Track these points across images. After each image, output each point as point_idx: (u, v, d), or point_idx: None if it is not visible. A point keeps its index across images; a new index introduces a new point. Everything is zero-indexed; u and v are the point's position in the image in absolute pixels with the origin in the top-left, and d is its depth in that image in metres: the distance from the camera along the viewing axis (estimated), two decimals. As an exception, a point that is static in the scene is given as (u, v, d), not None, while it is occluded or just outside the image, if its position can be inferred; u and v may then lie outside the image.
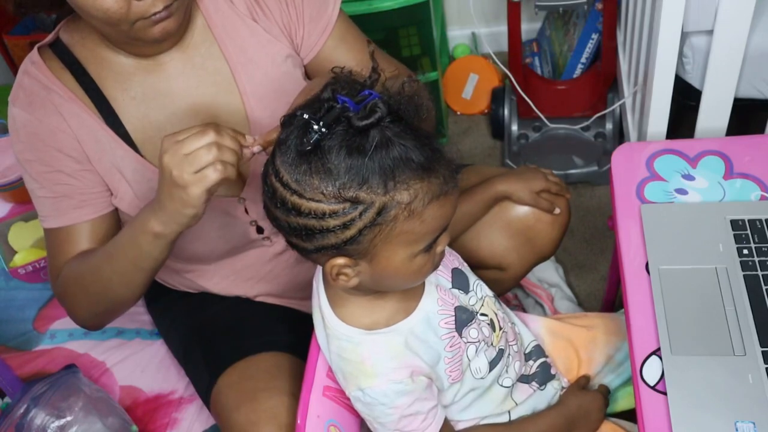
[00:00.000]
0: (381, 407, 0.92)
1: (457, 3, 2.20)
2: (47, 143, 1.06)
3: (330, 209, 0.77)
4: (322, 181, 0.76)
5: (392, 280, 0.87)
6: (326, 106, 0.77)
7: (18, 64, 2.06)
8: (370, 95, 0.77)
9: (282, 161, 0.79)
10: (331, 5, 1.14)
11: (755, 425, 0.84)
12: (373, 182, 0.76)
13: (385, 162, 0.75)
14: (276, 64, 1.12)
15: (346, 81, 0.80)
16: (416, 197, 0.77)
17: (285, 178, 0.78)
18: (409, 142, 0.76)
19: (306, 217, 0.78)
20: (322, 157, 0.76)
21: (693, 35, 1.38)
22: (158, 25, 0.96)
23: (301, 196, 0.77)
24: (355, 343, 0.92)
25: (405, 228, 0.79)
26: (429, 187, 0.78)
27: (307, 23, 1.13)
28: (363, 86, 0.79)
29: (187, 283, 1.29)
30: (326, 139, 0.76)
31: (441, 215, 0.81)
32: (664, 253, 1.01)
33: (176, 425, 1.38)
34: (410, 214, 0.78)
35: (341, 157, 0.75)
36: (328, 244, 0.80)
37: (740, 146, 1.15)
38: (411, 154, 0.76)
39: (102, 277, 1.04)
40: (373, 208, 0.77)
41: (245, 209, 1.15)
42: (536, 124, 1.97)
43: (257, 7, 1.11)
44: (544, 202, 1.20)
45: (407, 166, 0.76)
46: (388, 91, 0.79)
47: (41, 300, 1.59)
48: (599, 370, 1.17)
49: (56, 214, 1.09)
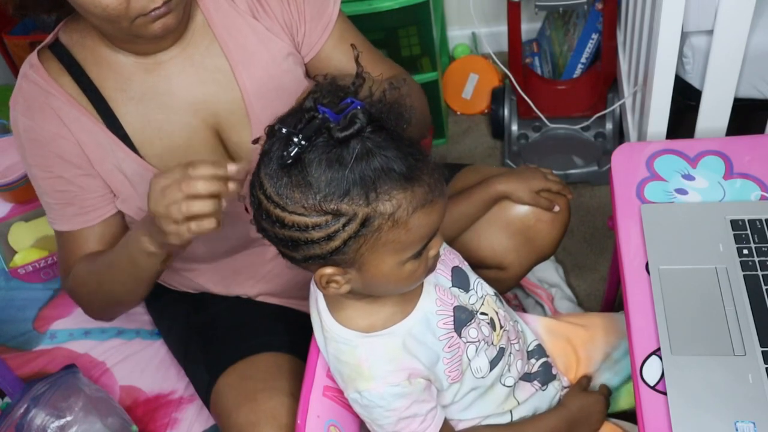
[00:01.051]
0: (379, 410, 0.92)
1: (457, 3, 2.20)
2: (48, 149, 1.06)
3: (312, 222, 0.77)
4: (303, 195, 0.76)
5: (384, 287, 0.86)
6: (306, 117, 0.76)
7: (18, 64, 2.07)
8: (352, 104, 0.76)
9: (265, 173, 0.79)
10: (331, 4, 1.15)
11: (755, 425, 0.84)
12: (354, 194, 0.75)
13: (366, 173, 0.75)
14: (277, 61, 1.12)
15: (328, 89, 0.79)
16: (399, 207, 0.77)
17: (268, 190, 0.78)
18: (390, 152, 0.76)
19: (290, 230, 0.78)
20: (302, 170, 0.75)
21: (693, 35, 1.37)
22: (158, 21, 0.97)
23: (284, 209, 0.77)
24: (352, 345, 0.92)
25: (390, 237, 0.78)
26: (413, 197, 0.77)
27: (308, 21, 1.13)
28: (346, 93, 0.78)
29: (187, 283, 1.29)
30: (306, 151, 0.75)
31: (427, 223, 0.80)
32: (664, 253, 1.01)
33: (176, 425, 1.38)
34: (394, 224, 0.77)
35: (321, 170, 0.75)
36: (314, 255, 0.79)
37: (740, 146, 1.15)
38: (392, 164, 0.75)
39: (105, 285, 1.08)
40: (356, 220, 0.76)
41: (246, 208, 1.14)
42: (536, 124, 1.96)
43: (258, 5, 1.11)
44: (543, 201, 1.20)
45: (389, 177, 0.76)
46: (371, 97, 0.78)
47: (41, 300, 1.59)
48: (597, 369, 1.17)
49: (62, 219, 1.11)
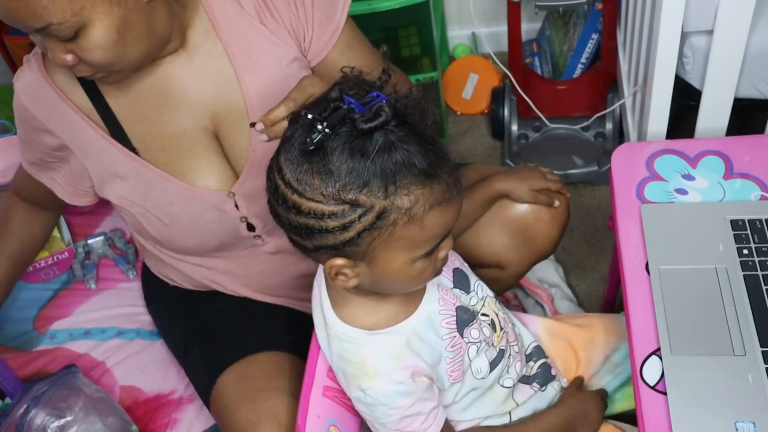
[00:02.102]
0: (382, 408, 0.92)
1: (457, 3, 2.19)
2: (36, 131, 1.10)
3: (329, 210, 0.77)
4: (322, 182, 0.76)
5: (391, 284, 0.86)
6: (332, 106, 0.77)
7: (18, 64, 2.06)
8: (378, 97, 0.77)
9: (285, 158, 0.79)
10: (339, 10, 1.14)
11: (755, 425, 0.84)
12: (373, 185, 0.75)
13: (387, 166, 0.75)
14: (281, 66, 1.11)
15: (354, 81, 0.80)
16: (417, 203, 0.77)
17: (287, 175, 0.78)
18: (412, 147, 0.76)
19: (305, 217, 0.78)
20: (324, 158, 0.76)
21: (693, 35, 1.37)
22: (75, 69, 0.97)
23: (302, 195, 0.77)
24: (356, 343, 0.92)
25: (404, 233, 0.78)
26: (431, 193, 0.78)
27: (315, 27, 1.12)
28: (372, 87, 0.79)
29: (185, 278, 1.29)
30: (329, 139, 0.76)
31: (442, 222, 0.81)
32: (664, 253, 1.01)
33: (176, 425, 1.38)
34: (410, 219, 0.77)
35: (343, 159, 0.75)
36: (326, 244, 0.79)
37: (740, 146, 1.15)
38: (414, 159, 0.76)
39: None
40: (373, 212, 0.76)
41: (235, 205, 1.14)
42: (536, 124, 1.96)
43: (265, 9, 1.10)
44: (543, 198, 1.20)
45: (409, 171, 0.76)
46: (396, 93, 0.79)
47: (41, 300, 1.59)
48: (597, 371, 1.17)
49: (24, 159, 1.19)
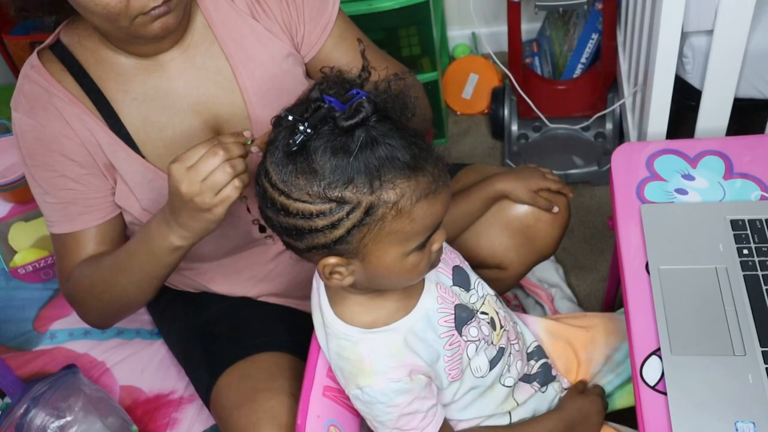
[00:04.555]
0: (380, 406, 0.92)
1: (457, 3, 2.20)
2: (51, 148, 1.06)
3: (317, 209, 0.77)
4: (307, 182, 0.77)
5: (387, 279, 0.87)
6: (313, 106, 0.78)
7: (18, 64, 2.07)
8: (358, 94, 0.78)
9: (271, 161, 0.80)
10: (330, 4, 1.15)
11: (755, 425, 0.84)
12: (358, 182, 0.76)
13: (371, 161, 0.76)
14: (276, 61, 1.12)
15: (334, 80, 0.81)
16: (403, 196, 0.77)
17: (273, 178, 0.79)
18: (395, 141, 0.77)
19: (294, 218, 0.79)
20: (307, 158, 0.77)
21: (693, 35, 1.37)
22: (158, 20, 0.97)
23: (288, 196, 0.78)
24: (354, 341, 0.92)
25: (394, 227, 0.79)
26: (417, 186, 0.78)
27: (307, 22, 1.13)
28: (352, 85, 0.80)
29: (188, 282, 1.29)
30: (312, 139, 0.77)
31: (431, 214, 0.81)
32: (664, 253, 1.01)
33: (176, 425, 1.38)
34: (398, 213, 0.78)
35: (326, 157, 0.76)
36: (318, 244, 0.80)
37: (740, 146, 1.15)
38: (397, 153, 0.77)
39: (116, 287, 1.06)
40: (360, 208, 0.77)
41: (247, 208, 1.15)
42: (536, 124, 1.97)
43: (257, 6, 1.11)
44: (542, 201, 1.20)
45: (393, 165, 0.77)
46: (377, 89, 0.80)
47: (41, 300, 1.59)
48: (598, 371, 1.17)
49: (63, 220, 1.10)
